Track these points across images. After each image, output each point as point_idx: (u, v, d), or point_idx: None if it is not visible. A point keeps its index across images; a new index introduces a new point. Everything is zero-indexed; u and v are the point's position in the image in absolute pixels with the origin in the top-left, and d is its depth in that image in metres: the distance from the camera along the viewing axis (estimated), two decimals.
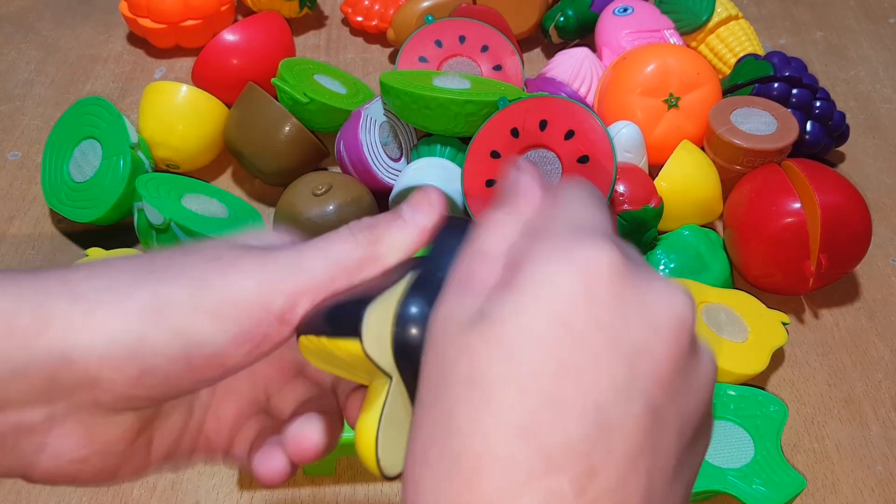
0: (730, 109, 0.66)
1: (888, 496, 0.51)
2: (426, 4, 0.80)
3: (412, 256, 0.28)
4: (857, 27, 0.91)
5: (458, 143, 0.64)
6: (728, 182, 0.65)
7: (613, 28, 0.77)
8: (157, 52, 0.86)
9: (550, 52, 0.84)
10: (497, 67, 0.71)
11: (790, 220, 0.57)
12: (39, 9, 0.94)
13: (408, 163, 0.66)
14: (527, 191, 0.26)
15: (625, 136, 0.63)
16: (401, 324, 0.25)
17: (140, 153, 0.64)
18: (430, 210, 0.28)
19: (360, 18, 0.86)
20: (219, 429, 0.31)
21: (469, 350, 0.22)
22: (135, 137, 0.64)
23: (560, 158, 0.58)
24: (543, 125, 0.58)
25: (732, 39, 0.77)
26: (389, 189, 0.64)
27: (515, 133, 0.59)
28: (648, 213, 0.59)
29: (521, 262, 0.23)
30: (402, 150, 0.67)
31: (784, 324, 0.56)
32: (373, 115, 0.65)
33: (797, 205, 0.57)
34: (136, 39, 0.88)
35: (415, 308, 0.25)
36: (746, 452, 0.48)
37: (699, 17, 0.78)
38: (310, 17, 0.91)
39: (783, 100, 0.68)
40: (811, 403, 0.56)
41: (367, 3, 0.86)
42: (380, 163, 0.65)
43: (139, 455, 0.28)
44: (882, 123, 0.79)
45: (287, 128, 0.65)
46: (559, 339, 0.21)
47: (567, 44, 0.84)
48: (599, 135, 0.56)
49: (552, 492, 0.20)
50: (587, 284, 0.22)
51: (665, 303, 0.23)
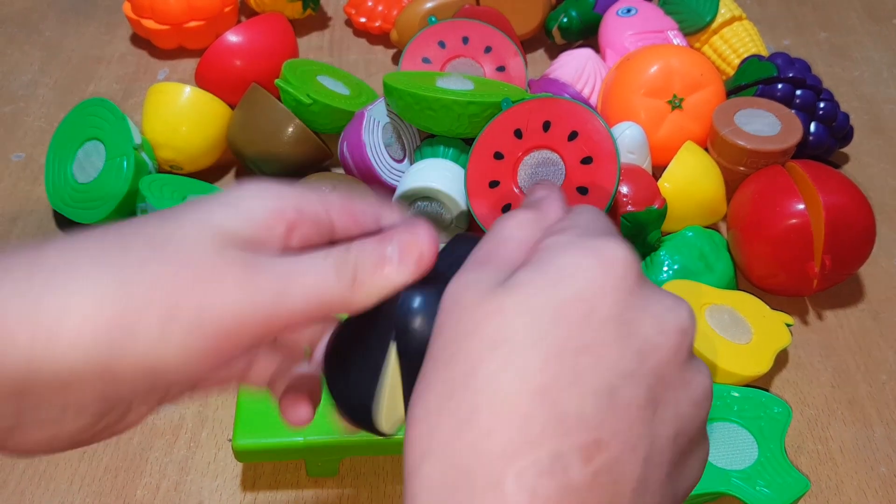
0: (733, 110, 0.66)
1: (892, 498, 0.50)
2: (429, 5, 0.80)
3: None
4: (861, 28, 0.91)
5: (462, 145, 0.64)
6: (732, 183, 0.65)
7: (617, 29, 0.77)
8: (161, 54, 0.86)
9: (554, 53, 0.84)
10: (500, 68, 0.71)
11: (794, 222, 0.57)
12: (42, 9, 0.94)
13: (411, 164, 0.66)
14: (550, 200, 0.29)
15: (628, 137, 0.63)
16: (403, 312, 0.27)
17: (143, 154, 0.64)
18: (420, 258, 0.28)
19: (364, 19, 0.86)
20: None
21: (500, 311, 0.23)
22: (138, 138, 0.64)
23: (563, 160, 0.58)
24: (547, 126, 0.58)
25: (736, 40, 0.77)
26: (393, 190, 0.64)
27: (519, 134, 0.59)
28: (652, 215, 0.58)
29: (547, 250, 0.25)
30: (406, 152, 0.67)
31: (788, 325, 0.56)
32: (376, 117, 0.65)
33: (801, 206, 0.57)
34: (140, 40, 0.88)
35: (418, 298, 0.27)
36: (750, 454, 0.48)
37: (703, 18, 0.78)
38: (313, 19, 0.91)
39: (787, 101, 0.68)
40: (815, 405, 0.55)
41: (371, 5, 0.86)
42: (383, 164, 0.65)
43: (113, 424, 0.28)
44: (886, 124, 0.78)
45: (290, 129, 0.65)
46: (585, 320, 0.23)
47: (570, 45, 0.84)
48: (603, 136, 0.56)
49: (561, 453, 0.22)
50: (611, 277, 0.24)
51: (672, 310, 0.25)
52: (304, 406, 0.32)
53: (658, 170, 0.66)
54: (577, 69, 0.73)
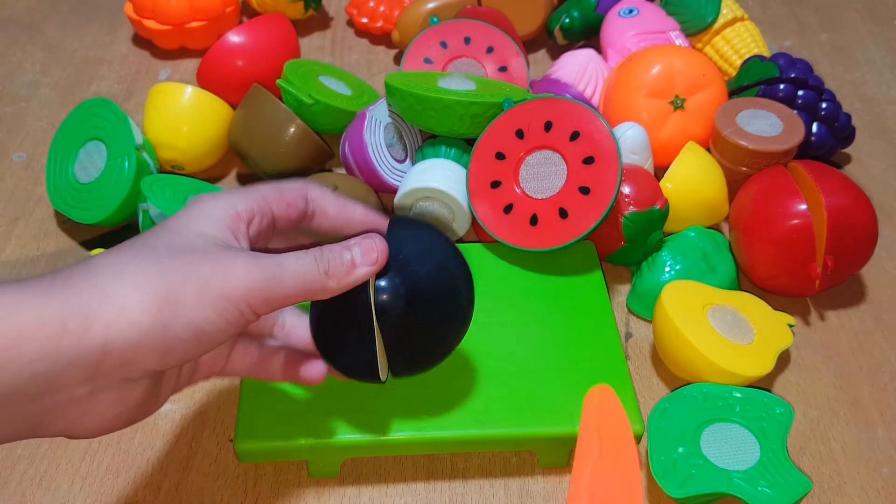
0: (736, 111, 0.66)
1: (894, 499, 0.50)
2: (431, 6, 0.80)
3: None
4: (863, 29, 0.91)
5: (463, 145, 0.64)
6: (734, 184, 0.65)
7: (619, 29, 0.77)
8: (162, 54, 0.86)
9: (556, 54, 0.84)
10: (502, 69, 0.71)
11: (796, 222, 0.57)
12: (44, 10, 0.94)
13: (413, 164, 0.66)
14: None
15: (630, 138, 0.63)
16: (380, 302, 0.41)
17: (145, 154, 0.64)
18: (377, 259, 0.39)
19: (365, 20, 0.86)
20: (208, 359, 0.41)
21: None
22: (140, 139, 0.64)
23: (565, 160, 0.58)
24: (549, 126, 0.58)
25: (738, 41, 0.77)
26: (394, 190, 0.64)
27: (521, 134, 0.59)
28: (654, 215, 0.58)
29: None
30: (407, 152, 0.67)
31: (790, 326, 0.56)
32: (378, 117, 0.65)
33: (803, 207, 0.57)
34: (141, 41, 0.88)
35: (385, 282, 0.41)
36: (752, 454, 0.48)
37: (705, 19, 0.78)
38: (315, 19, 0.91)
39: (789, 101, 0.68)
40: (817, 405, 0.55)
41: (372, 5, 0.86)
42: (385, 164, 0.65)
43: (153, 400, 0.37)
44: (888, 125, 0.78)
45: (292, 129, 0.65)
46: None
47: (572, 45, 0.84)
48: (605, 136, 0.56)
49: None
50: None
51: None
52: (313, 365, 0.42)
53: (660, 170, 0.66)
54: (579, 70, 0.73)
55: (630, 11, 0.78)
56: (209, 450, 0.52)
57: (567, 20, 0.82)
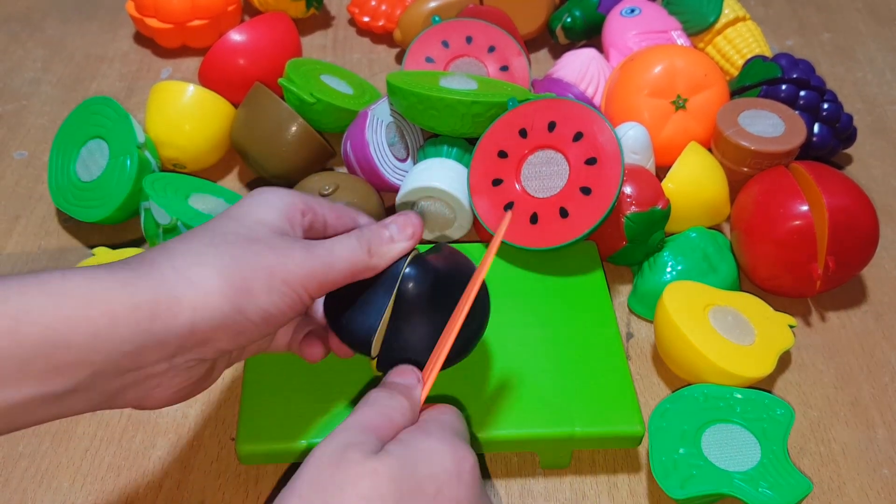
0: (737, 111, 0.66)
1: (894, 500, 0.50)
2: (433, 5, 0.80)
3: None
4: (865, 29, 0.91)
5: (465, 144, 0.64)
6: (735, 184, 0.65)
7: (620, 29, 0.77)
8: (164, 52, 0.86)
9: (557, 53, 0.84)
10: (504, 68, 0.71)
11: (798, 223, 0.57)
12: (45, 8, 0.94)
13: (414, 163, 0.66)
14: (414, 389, 0.40)
15: (632, 138, 0.63)
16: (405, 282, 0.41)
17: (147, 153, 0.64)
18: (413, 233, 0.42)
19: (367, 19, 0.86)
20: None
21: (374, 473, 0.33)
22: (141, 137, 0.64)
23: (568, 160, 0.58)
24: (552, 126, 0.58)
25: (740, 41, 0.77)
26: (396, 189, 0.64)
27: (524, 133, 0.59)
28: (656, 215, 0.58)
29: (414, 434, 0.36)
30: (409, 151, 0.67)
31: (791, 326, 0.56)
32: (379, 116, 0.65)
33: (805, 207, 0.57)
34: (143, 39, 0.88)
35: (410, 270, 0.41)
36: (753, 455, 0.48)
37: (706, 19, 0.78)
38: (316, 18, 0.91)
39: (791, 102, 0.68)
40: (818, 406, 0.55)
41: (374, 4, 0.86)
42: (386, 163, 0.64)
43: (211, 375, 0.40)
44: (889, 125, 0.78)
45: (294, 128, 0.65)
46: (434, 496, 0.34)
47: (574, 45, 0.84)
48: (608, 137, 0.56)
49: None
50: (459, 470, 0.35)
51: None
52: (318, 346, 0.44)
53: (662, 170, 0.66)
54: (581, 69, 0.73)
55: (632, 11, 0.78)
56: (210, 448, 0.52)
57: (569, 19, 0.81)
